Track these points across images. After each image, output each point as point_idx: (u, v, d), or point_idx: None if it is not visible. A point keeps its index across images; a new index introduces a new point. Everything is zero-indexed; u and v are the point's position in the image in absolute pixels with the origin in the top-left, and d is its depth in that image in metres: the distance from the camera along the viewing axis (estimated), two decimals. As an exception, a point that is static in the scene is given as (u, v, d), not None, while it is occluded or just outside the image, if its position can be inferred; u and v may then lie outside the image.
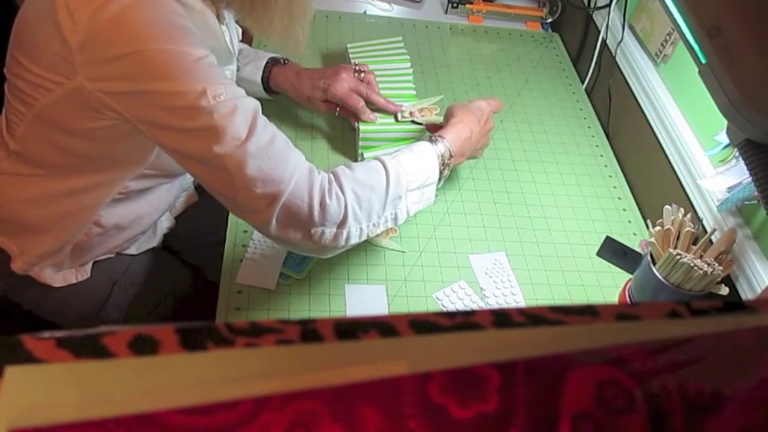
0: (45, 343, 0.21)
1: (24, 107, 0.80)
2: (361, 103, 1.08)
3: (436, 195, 0.94)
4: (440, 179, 0.93)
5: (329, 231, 0.78)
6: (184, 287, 1.14)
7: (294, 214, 0.76)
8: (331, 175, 0.80)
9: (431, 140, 0.94)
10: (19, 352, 0.21)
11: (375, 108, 1.11)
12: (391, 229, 1.04)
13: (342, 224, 0.79)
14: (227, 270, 0.94)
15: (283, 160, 0.75)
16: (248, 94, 0.79)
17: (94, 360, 0.21)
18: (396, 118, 1.12)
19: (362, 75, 1.12)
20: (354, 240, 0.82)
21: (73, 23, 0.69)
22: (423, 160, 0.89)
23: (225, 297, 0.91)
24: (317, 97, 1.10)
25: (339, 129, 1.20)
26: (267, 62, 1.12)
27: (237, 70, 1.09)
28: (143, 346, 0.22)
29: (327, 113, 1.15)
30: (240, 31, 1.07)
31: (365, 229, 0.82)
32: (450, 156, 0.94)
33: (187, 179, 1.11)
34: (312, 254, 0.87)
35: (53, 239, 0.91)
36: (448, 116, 1.01)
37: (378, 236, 1.02)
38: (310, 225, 0.77)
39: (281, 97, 1.20)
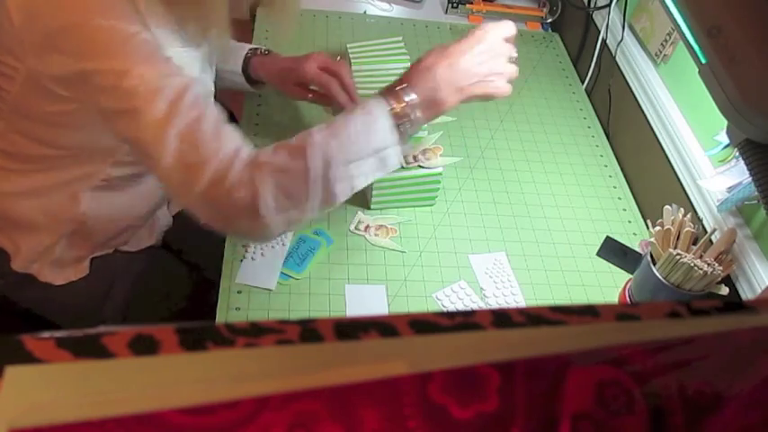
0: (45, 343, 0.21)
1: (2, 102, 0.81)
2: (334, 85, 1.01)
3: (411, 148, 0.84)
4: (404, 134, 0.78)
5: (247, 224, 0.74)
6: (184, 286, 1.14)
7: (214, 202, 0.72)
8: (253, 163, 0.72)
9: (379, 96, 0.78)
10: (19, 352, 0.21)
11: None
12: (391, 228, 1.04)
13: (256, 215, 0.72)
14: (227, 270, 0.94)
15: (205, 144, 0.70)
16: (234, 85, 0.76)
17: (94, 360, 0.21)
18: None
19: (338, 58, 1.07)
20: (284, 228, 0.76)
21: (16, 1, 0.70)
22: (367, 126, 0.75)
23: (225, 297, 0.91)
24: (289, 79, 1.06)
25: (339, 129, 1.20)
26: (247, 53, 1.10)
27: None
28: (143, 346, 0.22)
29: (302, 99, 1.10)
30: None
31: (295, 216, 0.75)
32: (410, 103, 0.77)
33: None
34: (246, 240, 0.86)
35: (46, 234, 0.92)
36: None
37: (377, 236, 1.02)
38: (229, 214, 0.73)
39: (280, 98, 1.20)
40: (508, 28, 0.83)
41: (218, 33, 0.82)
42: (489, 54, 0.81)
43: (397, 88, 0.78)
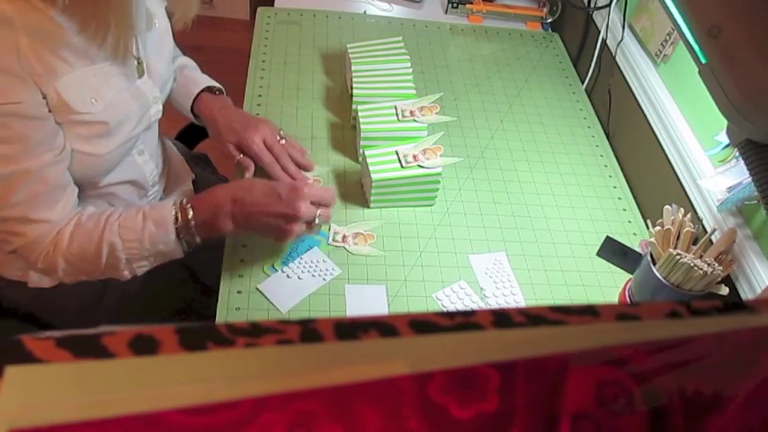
0: (45, 343, 0.21)
1: None
2: (276, 168, 1.04)
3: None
4: (188, 241, 0.90)
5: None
6: (182, 288, 1.14)
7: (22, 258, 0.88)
8: (55, 246, 0.85)
9: (172, 208, 0.88)
10: (19, 352, 0.21)
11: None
12: (368, 234, 1.02)
13: (52, 276, 0.91)
14: (227, 270, 0.94)
15: (24, 225, 0.82)
16: (180, 109, 0.84)
17: (94, 360, 0.21)
18: (397, 117, 1.12)
19: (283, 141, 1.08)
20: (78, 280, 0.91)
21: None
22: (156, 237, 0.87)
23: (225, 297, 0.91)
24: (231, 138, 1.06)
25: (339, 128, 1.20)
26: (201, 90, 1.10)
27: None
28: (143, 346, 0.22)
29: (227, 156, 1.08)
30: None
31: (87, 278, 0.90)
32: (191, 224, 0.88)
33: (149, 196, 1.07)
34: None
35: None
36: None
37: (356, 244, 1.01)
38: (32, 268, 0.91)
39: (279, 98, 1.20)
40: (325, 197, 0.91)
41: (119, 32, 0.80)
42: (280, 207, 0.87)
43: (187, 206, 0.88)
